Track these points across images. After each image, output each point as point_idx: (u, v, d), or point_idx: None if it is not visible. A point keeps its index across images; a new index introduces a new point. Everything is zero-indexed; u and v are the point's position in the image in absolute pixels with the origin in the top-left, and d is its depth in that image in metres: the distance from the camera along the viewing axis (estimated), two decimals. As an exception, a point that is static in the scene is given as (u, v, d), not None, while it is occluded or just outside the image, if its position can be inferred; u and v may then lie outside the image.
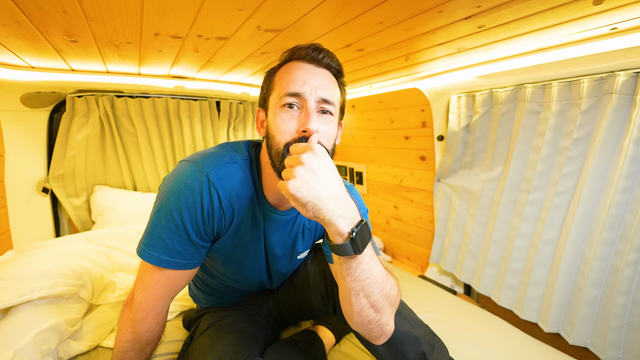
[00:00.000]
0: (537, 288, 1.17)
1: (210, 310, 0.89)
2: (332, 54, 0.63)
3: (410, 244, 1.89)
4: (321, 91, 0.59)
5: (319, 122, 0.58)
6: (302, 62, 0.61)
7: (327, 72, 0.62)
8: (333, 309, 0.81)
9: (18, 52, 0.98)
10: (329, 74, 0.62)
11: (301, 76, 0.59)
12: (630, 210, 0.94)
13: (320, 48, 0.62)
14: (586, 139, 1.04)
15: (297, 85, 0.58)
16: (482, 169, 1.42)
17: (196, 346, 0.78)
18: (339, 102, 0.64)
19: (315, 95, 0.58)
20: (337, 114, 0.64)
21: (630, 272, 0.93)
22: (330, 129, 0.61)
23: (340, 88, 0.66)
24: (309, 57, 0.61)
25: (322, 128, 0.59)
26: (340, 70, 0.65)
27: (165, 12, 0.72)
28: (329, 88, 0.60)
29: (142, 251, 0.60)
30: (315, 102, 0.58)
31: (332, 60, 0.63)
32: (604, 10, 0.71)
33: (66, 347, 0.85)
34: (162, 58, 1.13)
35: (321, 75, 0.60)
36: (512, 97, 1.23)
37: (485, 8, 0.71)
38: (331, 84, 0.62)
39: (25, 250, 1.09)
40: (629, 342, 0.94)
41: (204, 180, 0.59)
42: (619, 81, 0.93)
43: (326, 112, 0.60)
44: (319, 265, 0.85)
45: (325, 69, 0.62)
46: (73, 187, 1.56)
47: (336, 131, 0.64)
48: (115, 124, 1.59)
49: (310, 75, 0.59)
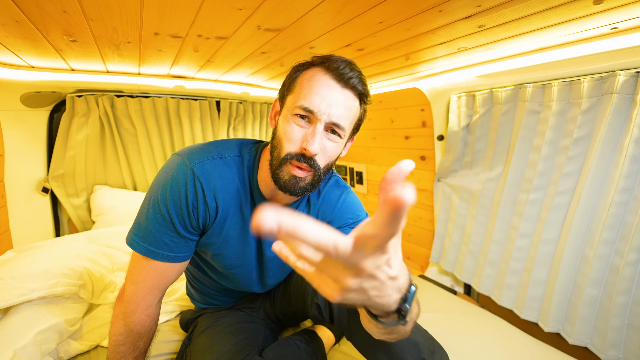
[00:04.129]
0: (537, 288, 1.17)
1: (207, 311, 0.89)
2: (362, 76, 0.61)
3: (411, 244, 1.89)
4: (335, 116, 0.58)
5: (323, 142, 0.59)
6: (329, 75, 0.59)
7: (350, 94, 0.60)
8: (330, 318, 0.77)
9: (18, 51, 0.98)
10: (351, 96, 0.60)
11: (321, 93, 0.58)
12: (630, 209, 0.94)
13: (352, 67, 0.59)
14: (586, 139, 1.04)
15: (314, 102, 0.57)
16: (482, 168, 1.42)
17: (194, 347, 0.78)
18: (352, 123, 0.63)
19: (328, 117, 0.58)
20: (347, 134, 0.63)
21: (630, 272, 0.93)
22: (334, 148, 0.61)
23: (361, 108, 0.64)
24: (337, 74, 0.59)
25: (326, 146, 0.60)
26: (365, 93, 0.62)
27: (165, 11, 0.72)
28: (344, 112, 0.59)
29: (131, 240, 0.61)
30: (325, 124, 0.58)
31: (361, 82, 0.60)
32: (604, 9, 0.71)
33: (66, 346, 0.86)
34: (162, 58, 1.13)
35: (342, 98, 0.59)
36: (512, 96, 1.23)
37: (485, 7, 0.71)
38: (350, 107, 0.60)
39: (25, 250, 1.09)
40: (629, 342, 0.94)
41: (189, 173, 0.60)
42: (619, 81, 0.93)
43: (335, 132, 0.60)
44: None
45: (350, 90, 0.60)
46: (73, 187, 1.55)
47: (341, 149, 0.65)
48: (115, 123, 1.59)
49: (331, 96, 0.58)
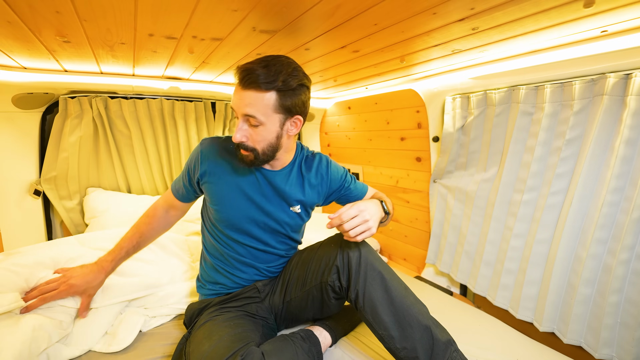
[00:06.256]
0: (532, 287, 1.18)
1: (211, 304, 0.93)
2: (260, 73, 0.75)
3: (407, 245, 1.90)
4: (245, 109, 0.77)
5: (248, 131, 0.81)
6: (237, 83, 0.79)
7: (250, 92, 0.76)
8: (347, 280, 0.83)
9: (10, 52, 0.97)
10: (252, 93, 0.76)
11: (234, 96, 0.80)
12: (621, 209, 0.95)
13: (244, 73, 0.76)
14: (578, 140, 1.06)
15: (234, 105, 0.81)
16: (477, 169, 1.43)
17: (193, 338, 0.81)
18: (268, 109, 0.78)
19: (241, 112, 0.78)
20: (270, 118, 0.79)
21: (622, 271, 0.94)
22: (260, 132, 0.80)
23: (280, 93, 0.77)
24: (239, 79, 0.77)
25: (251, 133, 0.80)
26: (268, 81, 0.76)
27: (159, 12, 0.72)
28: (251, 105, 0.77)
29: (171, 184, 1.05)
30: (242, 117, 0.79)
31: (257, 80, 0.75)
32: (594, 13, 0.72)
33: (56, 352, 0.84)
34: (156, 59, 1.12)
35: (245, 96, 0.77)
36: (506, 98, 1.25)
37: (478, 10, 0.72)
38: (255, 100, 0.76)
39: (15, 253, 1.07)
40: (621, 340, 0.95)
41: (198, 147, 0.95)
42: (610, 83, 0.94)
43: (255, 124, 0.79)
44: (333, 242, 0.90)
45: (250, 90, 0.76)
46: (66, 190, 1.53)
47: (272, 132, 0.81)
48: (109, 125, 1.57)
49: (237, 98, 0.79)
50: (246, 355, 0.69)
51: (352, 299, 0.83)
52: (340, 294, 0.86)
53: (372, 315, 0.79)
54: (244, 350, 0.71)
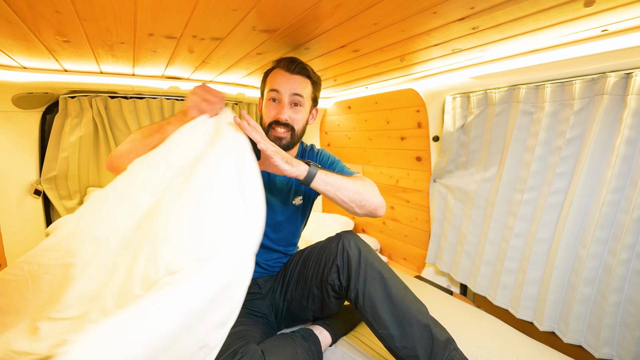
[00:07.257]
0: (532, 287, 1.18)
1: None
2: (304, 64, 0.93)
3: (407, 245, 1.90)
4: (296, 89, 0.91)
5: (290, 111, 0.92)
6: (282, 70, 0.93)
7: (299, 77, 0.93)
8: (347, 278, 0.83)
9: (9, 52, 0.97)
10: (301, 78, 0.93)
11: (279, 79, 0.92)
12: (622, 209, 0.95)
13: (292, 61, 0.92)
14: (579, 139, 1.05)
15: (280, 87, 0.91)
16: (477, 169, 1.43)
17: None
18: (307, 95, 0.94)
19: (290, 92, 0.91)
20: (307, 103, 0.95)
21: (622, 271, 0.94)
22: (298, 113, 0.93)
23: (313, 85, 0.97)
24: (285, 67, 0.92)
25: (291, 115, 0.92)
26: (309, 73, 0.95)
27: (159, 12, 0.72)
28: (300, 88, 0.92)
29: None
30: (290, 96, 0.91)
31: (304, 69, 0.93)
32: (594, 12, 0.72)
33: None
34: (156, 58, 1.12)
35: (294, 79, 0.92)
36: (506, 97, 1.24)
37: (478, 9, 0.72)
38: (302, 84, 0.93)
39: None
40: (622, 340, 0.95)
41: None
42: (610, 82, 0.94)
43: (297, 104, 0.93)
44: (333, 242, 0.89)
45: (299, 75, 0.92)
46: (66, 189, 1.53)
47: (305, 116, 0.97)
48: (109, 125, 1.57)
49: (285, 81, 0.91)
50: (246, 353, 0.70)
51: (351, 298, 0.83)
52: (340, 293, 0.87)
53: (371, 315, 0.79)
54: (244, 348, 0.71)
